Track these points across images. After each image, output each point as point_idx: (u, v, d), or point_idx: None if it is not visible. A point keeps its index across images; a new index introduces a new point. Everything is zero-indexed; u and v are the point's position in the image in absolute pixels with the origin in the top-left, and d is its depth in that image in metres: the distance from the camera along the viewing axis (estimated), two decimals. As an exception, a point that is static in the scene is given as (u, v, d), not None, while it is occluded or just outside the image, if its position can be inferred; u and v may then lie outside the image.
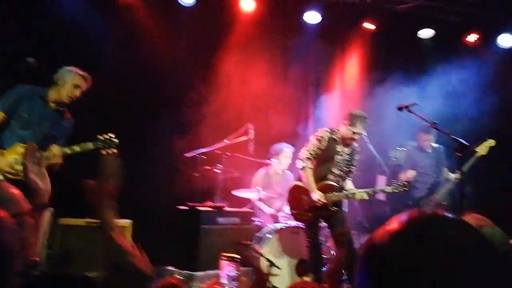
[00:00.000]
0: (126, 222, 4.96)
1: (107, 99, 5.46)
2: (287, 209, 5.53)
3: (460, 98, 5.87)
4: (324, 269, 4.99)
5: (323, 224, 4.99)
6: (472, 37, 7.23)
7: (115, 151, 4.03)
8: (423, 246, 0.73)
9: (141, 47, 6.00)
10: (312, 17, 6.87)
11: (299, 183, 4.95)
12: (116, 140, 4.01)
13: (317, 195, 4.67)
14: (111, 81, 5.50)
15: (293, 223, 5.39)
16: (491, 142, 5.03)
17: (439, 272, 0.70)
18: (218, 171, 5.51)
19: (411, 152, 5.64)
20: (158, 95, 6.10)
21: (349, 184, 4.85)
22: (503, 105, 5.93)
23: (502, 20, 6.91)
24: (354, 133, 4.67)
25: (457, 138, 3.92)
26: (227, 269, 4.55)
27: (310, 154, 4.79)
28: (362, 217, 5.61)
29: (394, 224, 0.79)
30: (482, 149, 5.01)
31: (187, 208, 5.27)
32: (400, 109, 4.22)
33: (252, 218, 5.60)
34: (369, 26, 7.12)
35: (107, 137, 3.99)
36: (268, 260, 4.79)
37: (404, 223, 0.78)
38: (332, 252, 5.33)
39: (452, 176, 5.17)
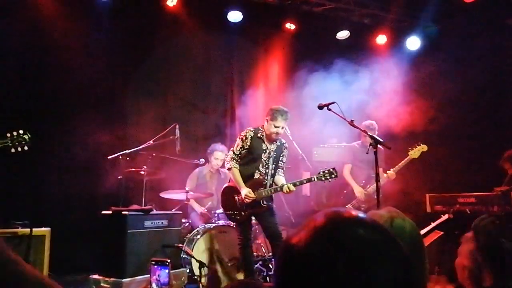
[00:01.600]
0: (44, 230, 4.61)
1: (21, 95, 5.07)
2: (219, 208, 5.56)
3: (377, 97, 6.21)
4: (255, 266, 5.03)
5: (253, 221, 5.03)
6: (381, 39, 7.68)
7: (26, 148, 3.82)
8: (336, 249, 0.75)
9: (55, 44, 5.64)
10: (234, 16, 6.89)
11: (230, 184, 4.95)
12: (27, 136, 3.76)
13: (245, 191, 4.70)
14: (23, 77, 5.10)
15: (221, 222, 5.38)
16: (423, 147, 5.38)
17: (350, 272, 0.73)
18: (143, 173, 5.33)
19: (354, 148, 5.90)
20: (77, 94, 5.77)
21: (282, 180, 4.90)
22: (415, 106, 6.35)
23: (410, 23, 7.45)
24: (275, 127, 4.74)
25: (373, 135, 4.13)
26: (156, 274, 4.41)
27: (235, 154, 4.84)
28: (289, 213, 5.75)
29: (310, 225, 0.80)
30: (414, 153, 5.36)
31: (112, 212, 5.01)
32: (320, 107, 4.28)
33: (182, 220, 5.49)
34: (290, 26, 7.30)
35: (15, 134, 3.74)
36: (198, 261, 4.74)
37: (319, 224, 0.79)
38: (263, 249, 5.40)
39: (386, 173, 5.44)
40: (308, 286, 0.74)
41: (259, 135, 4.85)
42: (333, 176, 4.65)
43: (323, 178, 4.65)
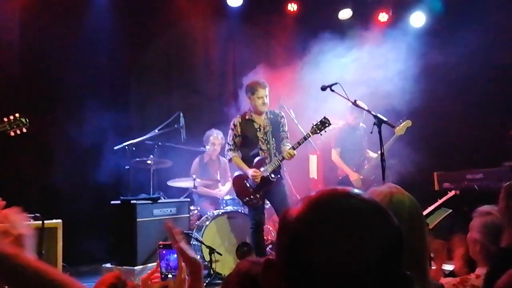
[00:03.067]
0: (56, 222, 4.68)
1: (26, 87, 5.11)
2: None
3: (380, 75, 6.13)
4: (267, 250, 5.09)
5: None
6: (383, 17, 7.54)
7: (25, 130, 3.88)
8: (326, 217, 0.78)
9: (58, 32, 5.66)
10: (234, 0, 6.82)
11: (238, 173, 5.00)
12: (24, 120, 3.82)
13: (251, 172, 4.75)
14: (27, 66, 5.13)
15: (230, 208, 5.43)
16: (408, 123, 5.30)
17: (339, 239, 0.76)
18: (150, 162, 5.36)
19: (342, 130, 5.81)
20: (82, 84, 5.81)
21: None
22: (420, 85, 6.24)
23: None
24: (259, 97, 4.77)
25: (377, 115, 4.00)
26: (165, 258, 4.46)
27: (230, 144, 4.93)
28: (298, 196, 5.75)
29: (305, 199, 0.84)
30: (400, 129, 5.25)
31: (120, 202, 5.07)
32: (323, 88, 4.23)
33: (191, 207, 5.53)
34: (292, 7, 7.22)
35: (12, 118, 3.80)
36: (208, 247, 4.79)
37: (313, 197, 0.83)
38: (273, 233, 5.43)
39: (373, 154, 5.42)
40: (300, 254, 0.77)
41: (246, 117, 4.92)
42: (326, 125, 4.70)
43: (318, 131, 4.70)
